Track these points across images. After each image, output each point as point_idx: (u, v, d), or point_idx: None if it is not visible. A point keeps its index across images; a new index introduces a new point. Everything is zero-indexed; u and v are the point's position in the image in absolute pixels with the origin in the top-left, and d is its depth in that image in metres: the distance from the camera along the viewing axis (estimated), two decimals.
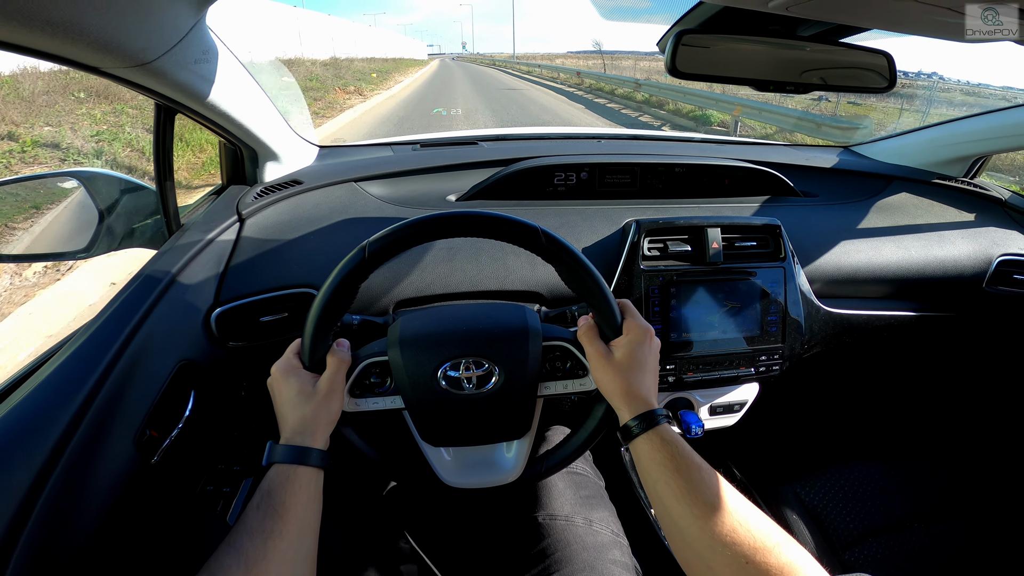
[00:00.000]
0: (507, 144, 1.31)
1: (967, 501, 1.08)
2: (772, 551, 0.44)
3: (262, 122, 0.96)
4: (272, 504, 0.50)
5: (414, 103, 13.46)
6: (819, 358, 1.06)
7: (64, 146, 5.23)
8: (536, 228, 0.58)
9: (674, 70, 0.71)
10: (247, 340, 0.85)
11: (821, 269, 1.01)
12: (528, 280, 0.90)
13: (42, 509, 0.51)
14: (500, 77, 28.84)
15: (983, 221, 1.15)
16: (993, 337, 1.22)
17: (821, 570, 0.43)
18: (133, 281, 0.77)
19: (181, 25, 0.64)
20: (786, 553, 0.44)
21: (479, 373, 0.63)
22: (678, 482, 0.50)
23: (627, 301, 0.64)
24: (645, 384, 0.59)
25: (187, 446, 0.74)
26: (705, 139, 1.52)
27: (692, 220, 0.94)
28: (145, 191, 0.94)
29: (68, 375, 0.61)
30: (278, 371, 0.60)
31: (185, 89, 0.74)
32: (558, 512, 0.81)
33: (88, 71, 0.60)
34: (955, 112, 4.05)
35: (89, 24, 0.51)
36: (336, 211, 0.97)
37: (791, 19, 0.70)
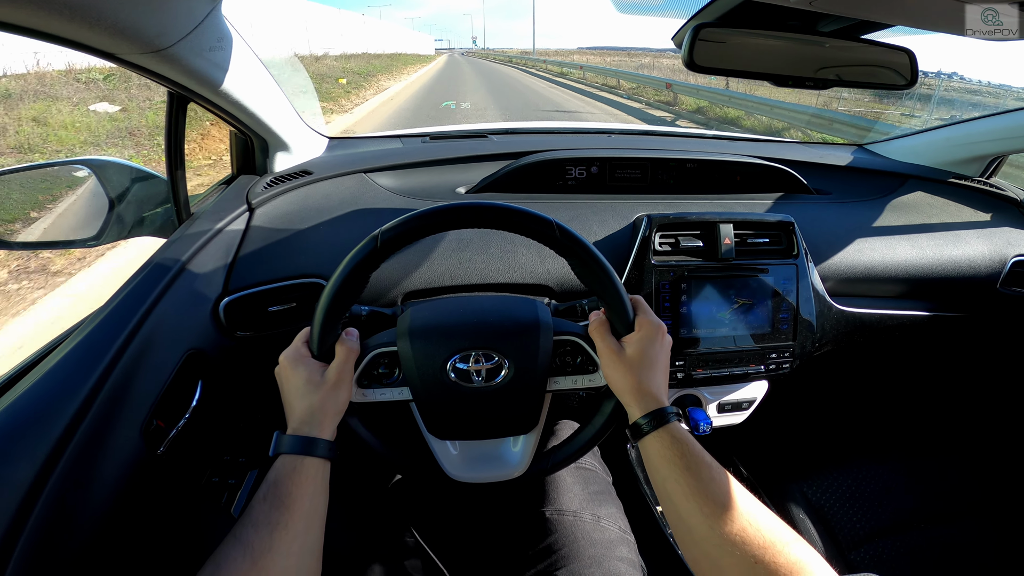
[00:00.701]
0: (517, 138, 1.30)
1: (975, 501, 1.08)
2: (781, 550, 0.43)
3: (273, 112, 0.96)
4: (278, 495, 0.50)
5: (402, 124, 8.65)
6: (830, 357, 1.06)
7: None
8: (550, 221, 0.57)
9: (691, 64, 0.70)
10: (255, 330, 0.85)
11: (834, 267, 1.00)
12: (538, 273, 0.90)
13: (47, 499, 0.51)
14: (528, 82, 20.64)
15: (998, 221, 1.14)
16: (1006, 338, 1.21)
17: (829, 569, 0.42)
18: (142, 269, 0.77)
19: (197, 12, 0.64)
20: (795, 552, 0.43)
21: (489, 366, 0.62)
22: (688, 480, 0.50)
23: (639, 297, 0.64)
24: (656, 381, 0.58)
25: (193, 437, 0.74)
26: (717, 135, 1.50)
27: (704, 216, 0.93)
28: (155, 179, 0.94)
29: (76, 364, 0.61)
30: (286, 359, 0.60)
31: (199, 77, 0.74)
32: (566, 507, 0.81)
33: (103, 57, 0.60)
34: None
35: (107, 9, 0.51)
36: (345, 202, 0.97)
37: (812, 14, 0.69)
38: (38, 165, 0.86)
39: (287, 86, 1.01)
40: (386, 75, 18.87)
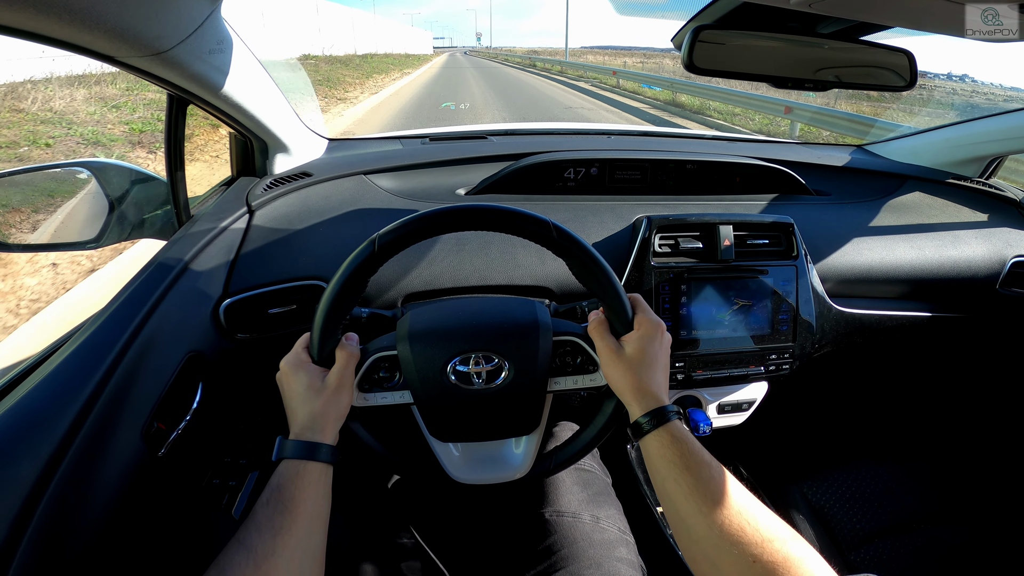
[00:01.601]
0: (516, 139, 1.30)
1: (975, 503, 1.08)
2: (779, 548, 0.44)
3: (273, 114, 0.96)
4: (282, 500, 0.50)
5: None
6: (829, 358, 1.06)
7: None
8: (547, 222, 0.58)
9: (691, 66, 0.70)
10: (255, 332, 0.85)
11: (834, 268, 1.00)
12: (538, 274, 0.90)
13: (49, 502, 0.50)
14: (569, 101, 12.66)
15: (998, 222, 1.14)
16: (1006, 339, 1.21)
17: (827, 566, 0.43)
18: (143, 272, 0.77)
19: (197, 14, 0.64)
20: (793, 549, 0.44)
21: (489, 368, 0.62)
22: (687, 479, 0.50)
23: (638, 296, 0.64)
24: (656, 380, 0.58)
25: (194, 439, 0.74)
26: (716, 136, 1.50)
27: (704, 217, 0.93)
28: (155, 182, 0.94)
29: (76, 366, 0.61)
30: (287, 365, 0.60)
31: (199, 79, 0.74)
32: (565, 509, 0.81)
33: (102, 60, 0.59)
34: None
35: (107, 11, 0.51)
36: (345, 203, 0.97)
37: (812, 16, 0.69)
38: (38, 167, 0.86)
39: (286, 87, 1.01)
40: (358, 86, 13.30)
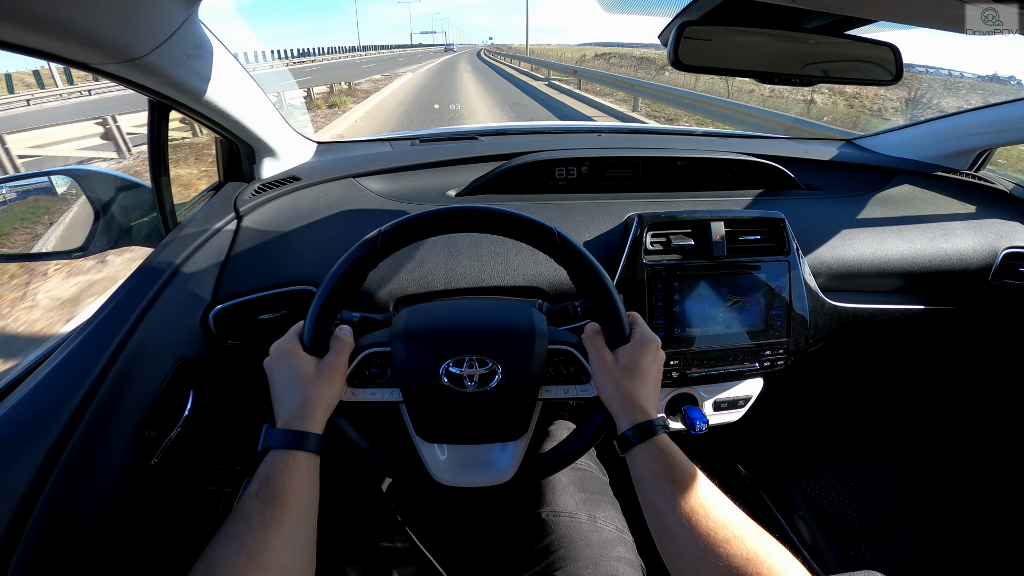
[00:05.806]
0: (507, 139, 1.30)
1: (973, 497, 1.08)
2: (764, 561, 0.44)
3: (258, 118, 0.95)
4: (271, 492, 0.49)
5: None
6: (824, 353, 1.06)
7: None
8: (552, 230, 0.58)
9: (677, 63, 0.69)
10: (246, 339, 0.84)
11: (826, 262, 1.00)
12: (531, 275, 0.89)
13: (40, 512, 0.50)
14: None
15: (988, 214, 1.14)
16: (999, 331, 1.21)
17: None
18: (130, 279, 0.76)
19: (171, 20, 0.63)
20: (777, 561, 0.44)
21: (482, 372, 0.62)
22: (672, 492, 0.50)
23: (636, 314, 0.65)
24: (646, 393, 0.59)
25: (187, 446, 0.73)
26: (707, 132, 1.50)
27: (695, 214, 0.93)
28: (140, 188, 0.93)
29: (65, 375, 0.60)
30: (277, 351, 0.59)
31: (178, 85, 0.72)
32: (562, 508, 0.81)
33: (77, 67, 0.59)
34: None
35: (72, 19, 0.49)
36: (335, 207, 0.96)
37: (796, 10, 0.69)
38: (19, 176, 0.85)
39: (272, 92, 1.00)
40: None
